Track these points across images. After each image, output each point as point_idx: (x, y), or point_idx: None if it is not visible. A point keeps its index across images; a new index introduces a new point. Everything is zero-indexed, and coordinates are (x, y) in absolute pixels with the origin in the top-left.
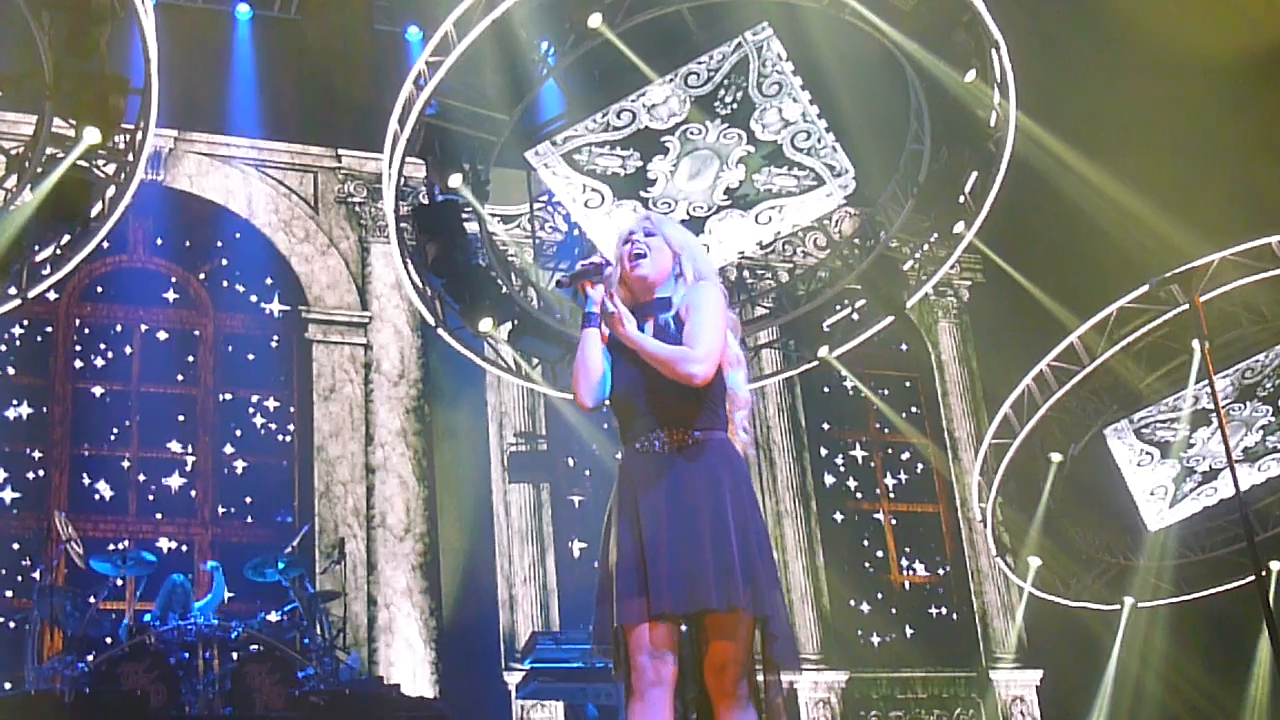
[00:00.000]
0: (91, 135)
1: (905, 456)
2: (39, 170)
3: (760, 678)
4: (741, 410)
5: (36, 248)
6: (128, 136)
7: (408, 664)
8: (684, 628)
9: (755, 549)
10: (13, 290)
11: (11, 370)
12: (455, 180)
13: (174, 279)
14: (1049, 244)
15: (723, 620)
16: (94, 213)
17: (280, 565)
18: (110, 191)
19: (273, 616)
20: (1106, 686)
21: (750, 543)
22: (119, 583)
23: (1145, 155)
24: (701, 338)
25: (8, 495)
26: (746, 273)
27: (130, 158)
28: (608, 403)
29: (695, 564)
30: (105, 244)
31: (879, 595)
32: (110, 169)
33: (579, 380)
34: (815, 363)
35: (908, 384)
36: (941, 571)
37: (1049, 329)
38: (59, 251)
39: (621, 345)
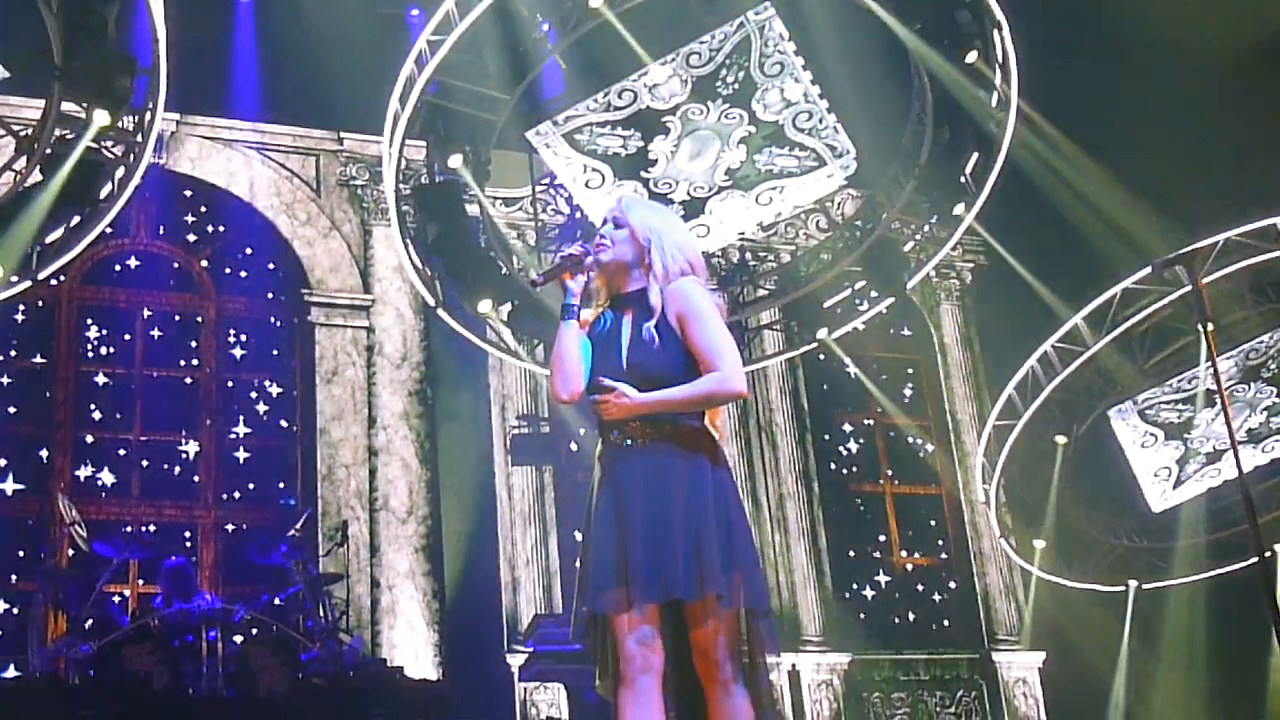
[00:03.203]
0: (101, 118)
1: (908, 439)
2: (48, 152)
3: (747, 660)
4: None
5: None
6: (136, 118)
7: (410, 646)
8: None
9: (734, 536)
10: (14, 279)
11: (14, 354)
12: (456, 160)
13: (176, 263)
14: (1051, 225)
15: (700, 608)
16: (103, 194)
17: (283, 548)
18: (119, 173)
19: (276, 599)
20: (1110, 669)
21: (730, 530)
22: (124, 567)
23: (1151, 134)
24: (721, 351)
25: (10, 478)
26: (748, 254)
27: (139, 139)
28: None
29: (668, 553)
30: (108, 228)
31: (881, 577)
32: (119, 150)
33: (557, 372)
34: (815, 344)
35: (910, 366)
36: (944, 554)
37: (1052, 311)
38: (68, 233)
39: (605, 342)
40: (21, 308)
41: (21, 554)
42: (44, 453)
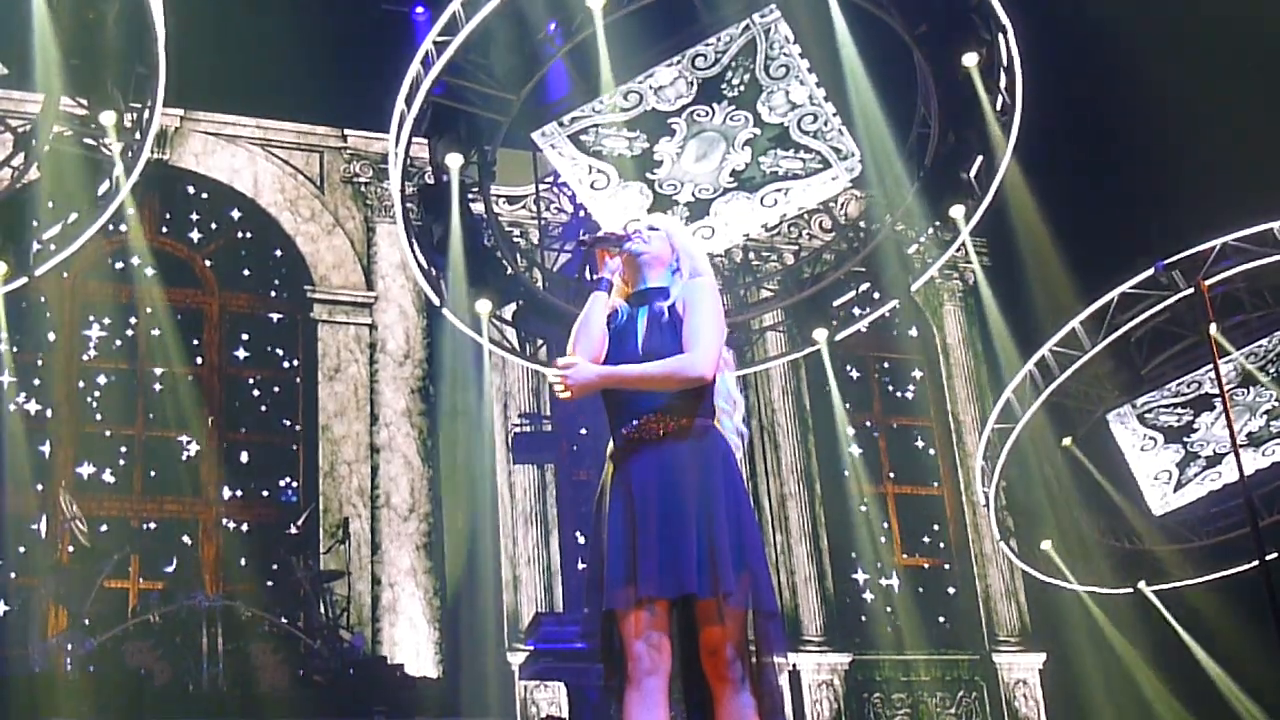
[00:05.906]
0: (108, 118)
1: (909, 439)
2: (46, 149)
3: (754, 660)
4: (738, 411)
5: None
6: (135, 115)
7: (411, 644)
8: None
9: (745, 536)
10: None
11: (15, 349)
12: (455, 161)
13: (180, 258)
14: (1053, 228)
15: (711, 607)
16: (101, 191)
17: (285, 545)
18: (117, 170)
19: (277, 596)
20: (1110, 670)
21: (740, 530)
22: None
23: (1152, 138)
24: (700, 336)
25: (12, 473)
26: (752, 255)
27: (138, 136)
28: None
29: (682, 549)
30: (110, 223)
31: (882, 578)
32: (117, 148)
33: (581, 335)
34: (818, 346)
35: (913, 368)
36: (945, 555)
37: (1054, 313)
38: (65, 230)
39: (622, 331)
40: (24, 302)
41: (23, 550)
42: (45, 448)
